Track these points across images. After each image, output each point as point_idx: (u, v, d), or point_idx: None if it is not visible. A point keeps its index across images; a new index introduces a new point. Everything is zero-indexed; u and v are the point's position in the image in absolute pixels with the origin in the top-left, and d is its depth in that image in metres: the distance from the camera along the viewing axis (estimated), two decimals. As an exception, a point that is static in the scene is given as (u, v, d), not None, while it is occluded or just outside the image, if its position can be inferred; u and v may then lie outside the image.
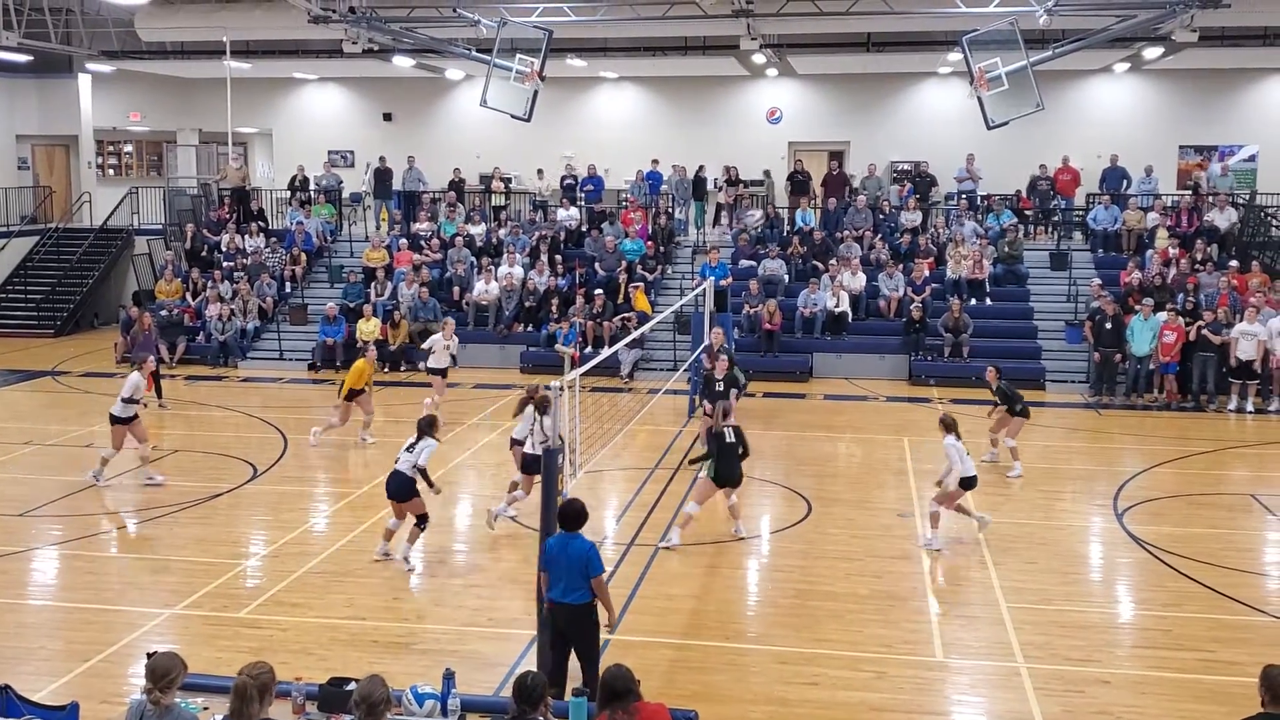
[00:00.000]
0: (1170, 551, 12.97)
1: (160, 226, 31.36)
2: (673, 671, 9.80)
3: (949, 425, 13.28)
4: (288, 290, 27.65)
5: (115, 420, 15.52)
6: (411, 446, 12.33)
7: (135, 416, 15.69)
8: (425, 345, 20.55)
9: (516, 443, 13.91)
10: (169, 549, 13.14)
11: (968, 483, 13.04)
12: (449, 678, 7.07)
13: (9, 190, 32.03)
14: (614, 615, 8.97)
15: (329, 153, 33.41)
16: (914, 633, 10.70)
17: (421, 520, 12.39)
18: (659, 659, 9.99)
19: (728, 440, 13.14)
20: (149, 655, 6.36)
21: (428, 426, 12.47)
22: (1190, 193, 27.40)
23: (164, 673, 6.00)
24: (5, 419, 20.14)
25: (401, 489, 12.32)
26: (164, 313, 25.83)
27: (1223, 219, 25.97)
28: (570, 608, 8.55)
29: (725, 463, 13.07)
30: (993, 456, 16.83)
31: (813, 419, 20.51)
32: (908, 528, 13.95)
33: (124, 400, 15.52)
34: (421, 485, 12.39)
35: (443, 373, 19.94)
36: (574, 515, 8.71)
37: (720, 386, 16.74)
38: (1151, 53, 25.84)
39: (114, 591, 11.87)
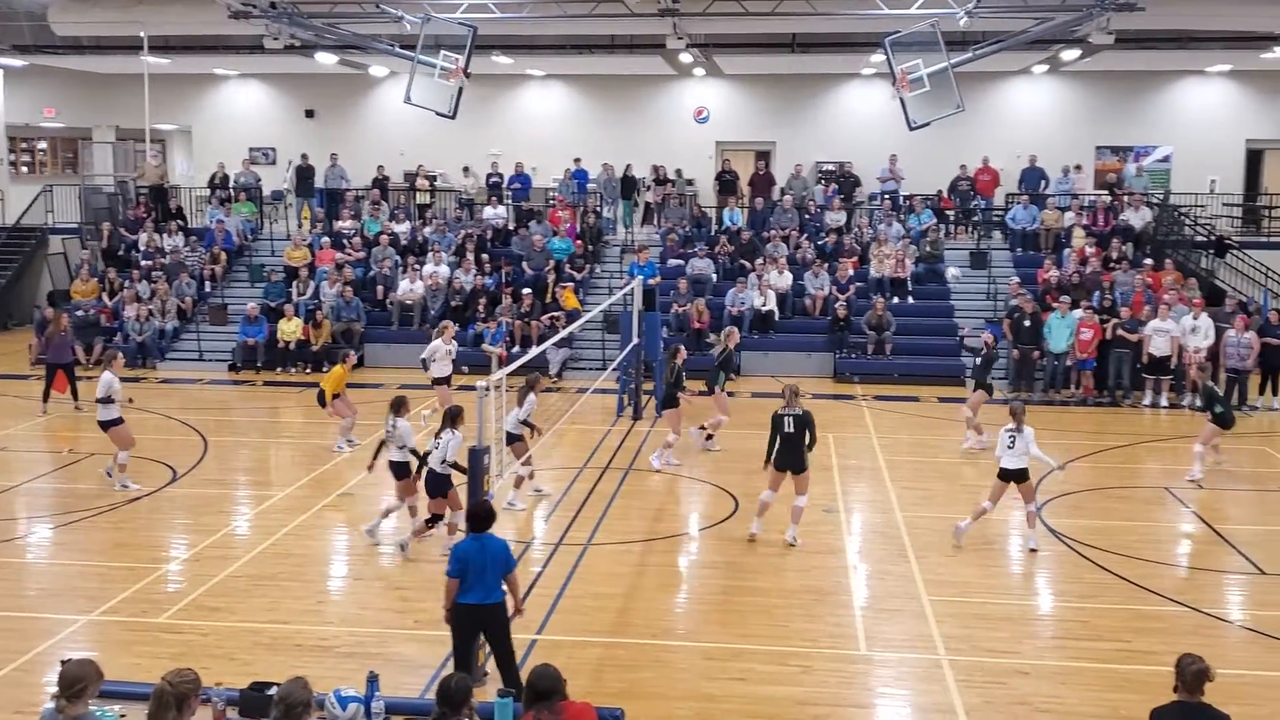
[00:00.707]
0: (1087, 544, 13.23)
1: (76, 225, 30.70)
2: (600, 670, 9.80)
3: (1015, 413, 13.09)
4: (207, 290, 27.21)
5: (106, 425, 15.19)
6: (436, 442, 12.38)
7: (121, 418, 15.35)
8: (425, 354, 18.55)
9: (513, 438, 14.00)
10: (86, 554, 12.88)
11: (1006, 475, 13.06)
12: (373, 681, 7.01)
13: (-82, 188, 31.19)
14: (520, 604, 8.96)
15: (250, 150, 32.93)
16: (839, 627, 10.80)
17: (432, 520, 12.58)
18: (586, 658, 9.98)
19: (787, 430, 12.82)
20: (63, 663, 6.22)
21: (453, 418, 12.33)
22: (1108, 192, 27.95)
23: (73, 681, 5.86)
24: (-86, 422, 19.60)
25: (436, 486, 12.39)
26: (80, 313, 25.30)
27: (1137, 218, 26.53)
28: (491, 608, 8.53)
29: (785, 449, 12.81)
30: (982, 444, 17.31)
31: (740, 417, 20.53)
32: (833, 523, 14.08)
33: (100, 402, 15.17)
34: (456, 477, 12.21)
35: (446, 380, 18.59)
36: (485, 516, 8.68)
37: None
38: (1069, 55, 26.33)
39: (29, 598, 11.60)
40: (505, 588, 8.65)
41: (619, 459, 17.14)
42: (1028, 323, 22.41)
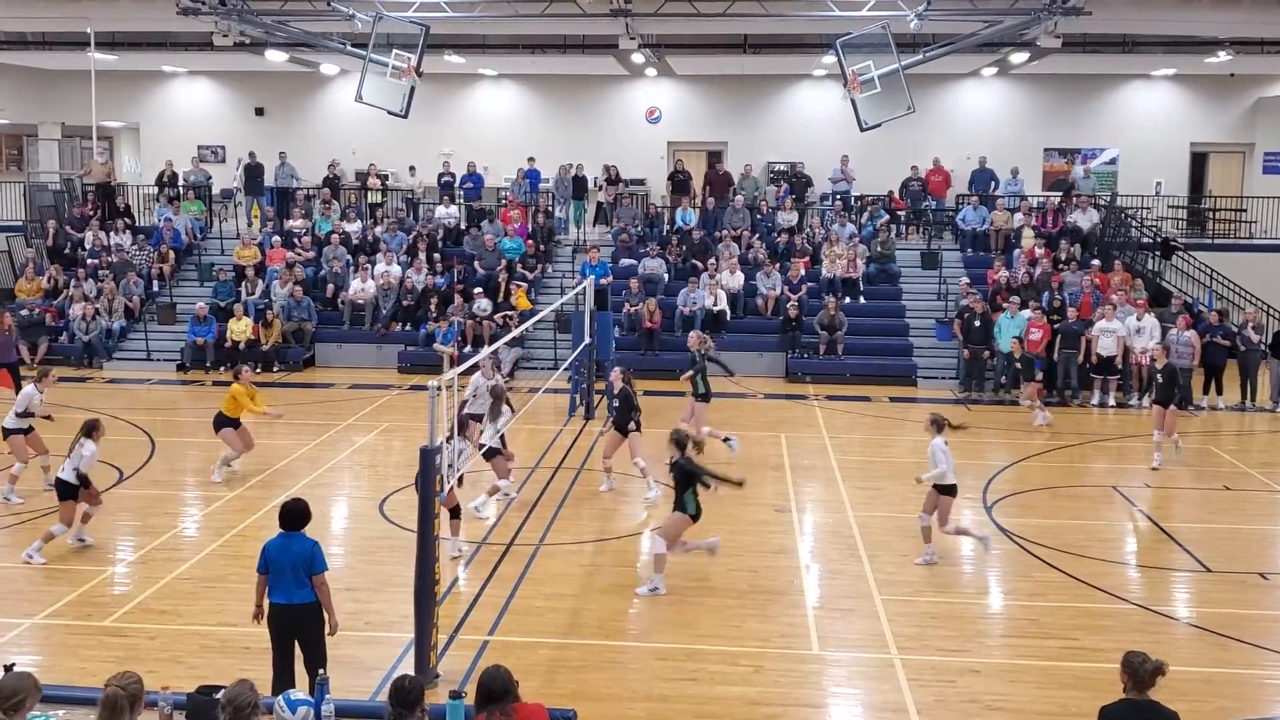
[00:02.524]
0: (1037, 542, 13.37)
1: (20, 223, 30.20)
2: (552, 671, 9.76)
3: (939, 425, 12.53)
4: (155, 289, 26.87)
5: (8, 432, 14.84)
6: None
7: (31, 429, 14.97)
8: (468, 394, 15.34)
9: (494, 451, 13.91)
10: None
11: (951, 489, 12.49)
12: (322, 684, 6.94)
13: None
14: (334, 617, 8.64)
15: (199, 148, 32.55)
16: (791, 627, 10.84)
17: (455, 512, 12.58)
18: (538, 659, 9.95)
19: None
20: (6, 668, 6.11)
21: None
22: (1062, 194, 28.27)
23: (11, 694, 5.76)
24: None
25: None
26: (25, 312, 24.90)
27: (1085, 220, 26.85)
28: (295, 609, 8.46)
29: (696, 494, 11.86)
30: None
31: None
32: (784, 523, 14.13)
33: (16, 414, 14.84)
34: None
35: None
36: (296, 514, 8.63)
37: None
38: (1018, 58, 26.61)
39: (-30, 602, 11.40)
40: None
41: (571, 458, 17.11)
42: (978, 323, 22.62)
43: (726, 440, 16.86)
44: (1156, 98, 31.28)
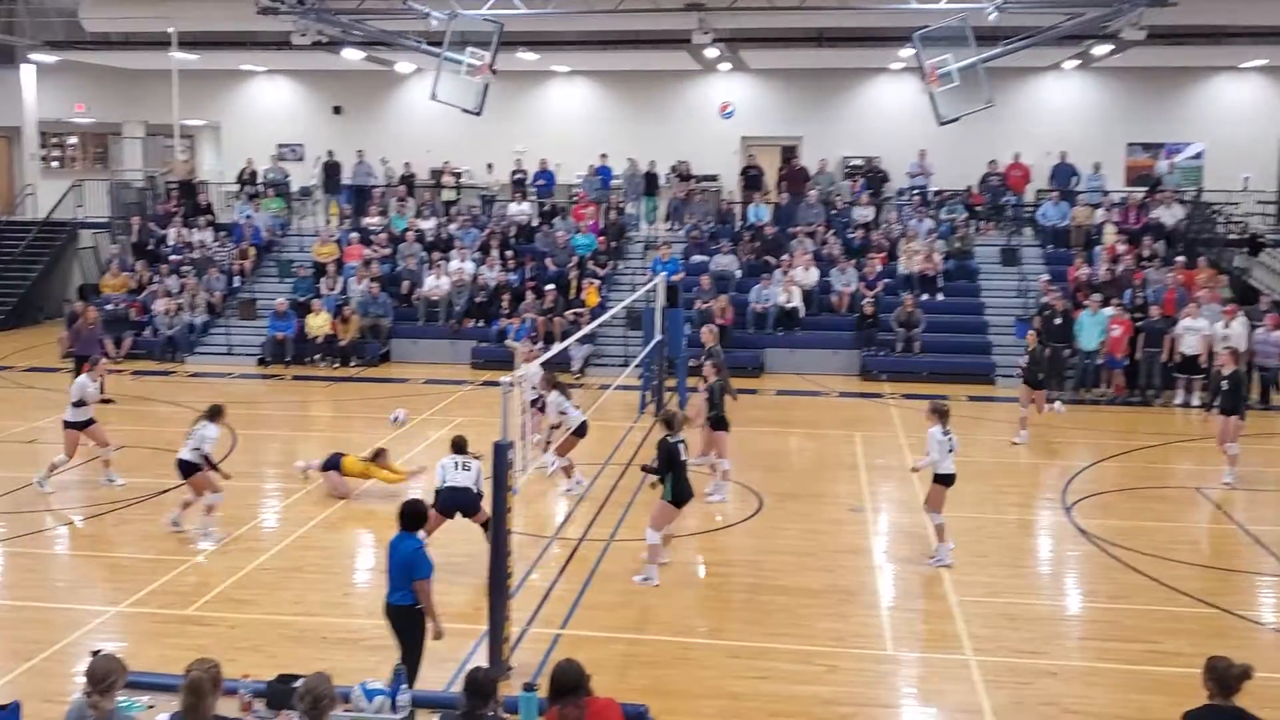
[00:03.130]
0: (1117, 544, 13.11)
1: (106, 220, 30.92)
2: (624, 666, 9.77)
3: (940, 413, 12.40)
4: (236, 285, 27.34)
5: (68, 425, 15.10)
6: (464, 461, 12.03)
7: (91, 420, 15.25)
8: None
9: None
10: (115, 546, 12.97)
11: (947, 480, 12.39)
12: (399, 674, 7.01)
13: (-50, 182, 31.48)
14: (437, 623, 8.58)
15: (278, 146, 33.03)
16: (865, 626, 10.74)
17: (487, 525, 12.16)
18: (610, 654, 9.96)
19: (682, 457, 11.88)
20: (93, 653, 6.25)
21: (464, 444, 12.24)
22: (1146, 189, 27.72)
23: (103, 676, 5.90)
24: (-54, 415, 19.78)
25: (470, 503, 11.98)
26: (110, 307, 25.47)
27: (1170, 215, 26.31)
28: (392, 608, 8.54)
29: (680, 480, 11.84)
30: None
31: (765, 414, 20.54)
32: (859, 522, 14.01)
33: (74, 405, 15.15)
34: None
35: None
36: (408, 515, 8.67)
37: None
38: (1100, 50, 26.09)
39: (58, 589, 11.69)
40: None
41: (641, 455, 17.10)
42: (1058, 320, 22.24)
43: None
44: (1244, 90, 30.50)
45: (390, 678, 7.08)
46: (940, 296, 25.37)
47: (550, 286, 24.97)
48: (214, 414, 13.11)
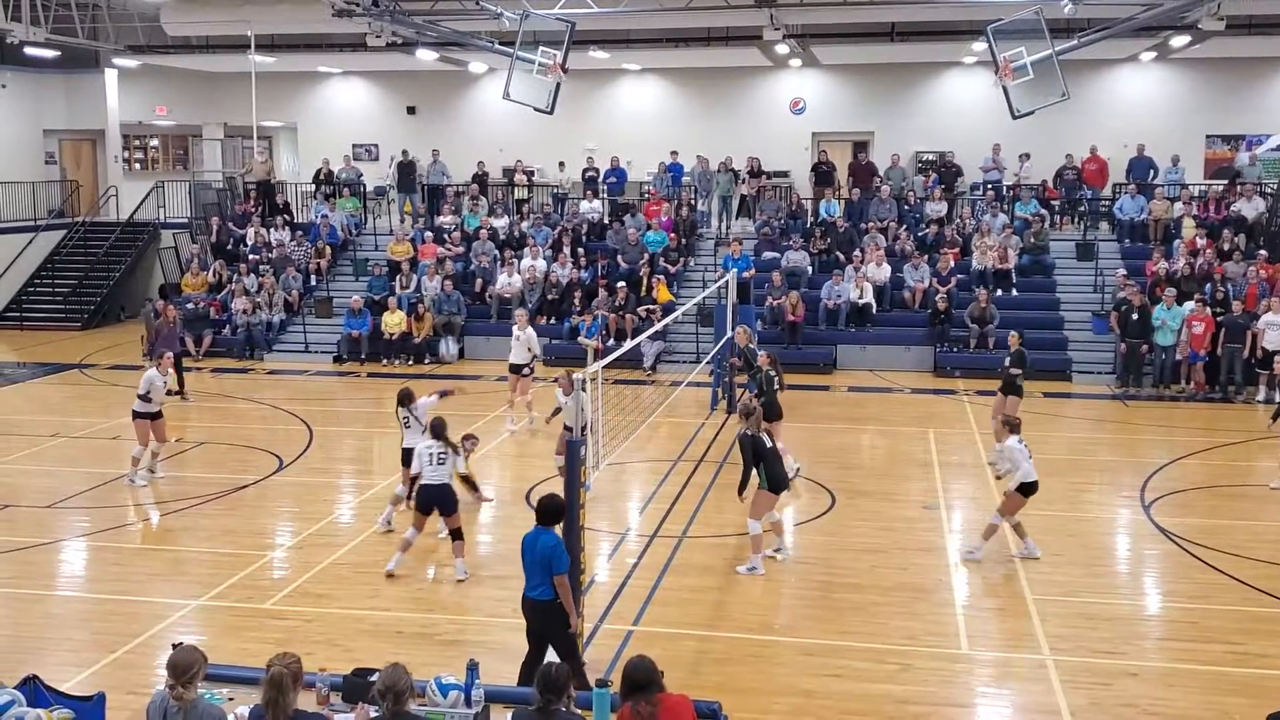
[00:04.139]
0: (1197, 543, 12.88)
1: (186, 220, 31.53)
2: (697, 663, 9.78)
3: (1012, 426, 12.54)
4: (313, 283, 27.75)
5: (136, 415, 15.40)
6: (437, 455, 11.87)
7: (159, 413, 15.54)
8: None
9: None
10: (195, 540, 13.23)
11: (1028, 489, 12.26)
12: (473, 668, 7.07)
13: (37, 185, 32.25)
14: (573, 616, 8.64)
15: (353, 146, 33.47)
16: (939, 625, 10.65)
17: (457, 534, 12.00)
18: (683, 650, 9.98)
19: (768, 444, 12.20)
20: (174, 646, 6.39)
21: (443, 429, 12.11)
22: (1226, 182, 27.15)
23: (185, 668, 6.01)
24: (33, 412, 20.31)
25: (446, 500, 11.88)
26: (190, 305, 25.97)
27: (1250, 208, 25.75)
28: (535, 603, 8.57)
29: (774, 465, 12.12)
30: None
31: (836, 411, 20.44)
32: (933, 520, 13.89)
33: (140, 397, 15.45)
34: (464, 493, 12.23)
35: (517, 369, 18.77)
36: (551, 510, 8.67)
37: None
38: (1178, 41, 25.58)
39: (140, 583, 11.94)
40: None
41: (713, 452, 17.10)
42: (1135, 316, 21.86)
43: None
44: (1328, 80, 29.79)
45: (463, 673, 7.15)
46: (1015, 292, 25.05)
47: (621, 284, 25.04)
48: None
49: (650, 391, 20.33)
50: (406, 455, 12.98)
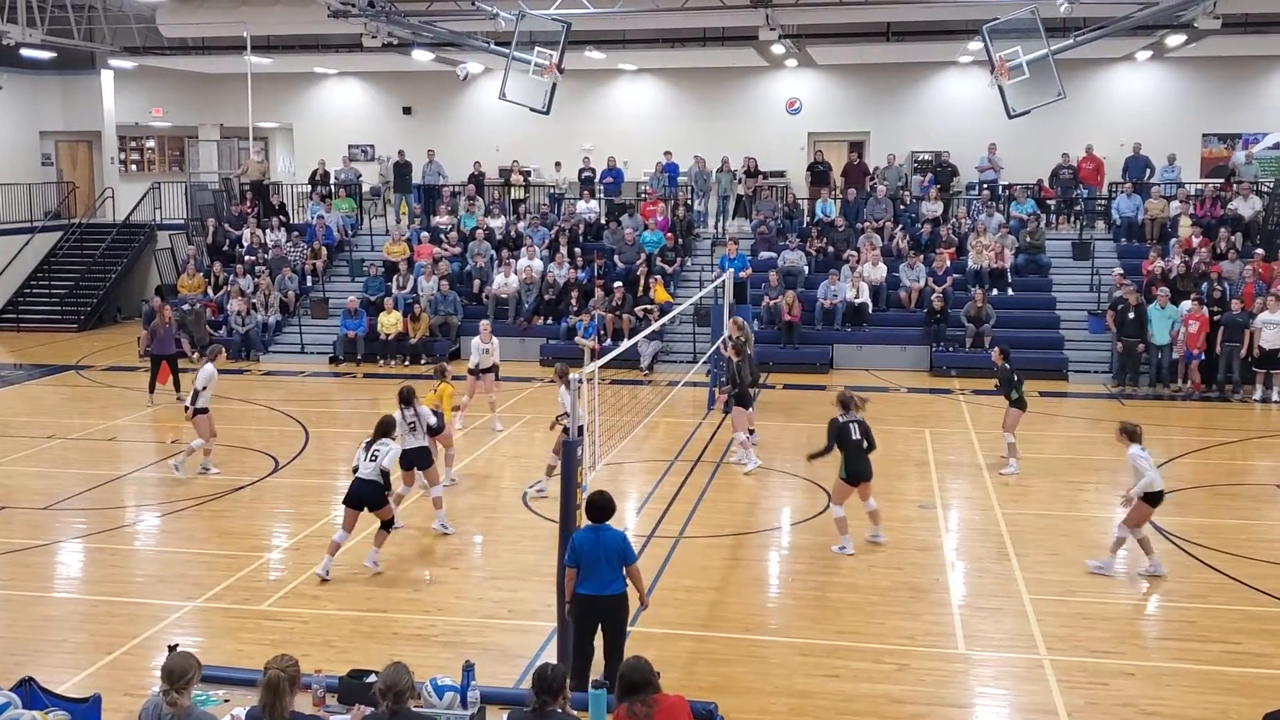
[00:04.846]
0: (1194, 542, 12.88)
1: (182, 221, 31.49)
2: (693, 663, 9.78)
3: (1132, 434, 11.88)
4: (309, 284, 27.72)
5: (197, 412, 15.52)
6: (372, 451, 11.79)
7: (207, 409, 15.61)
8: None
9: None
10: (192, 542, 13.21)
11: (1155, 498, 11.77)
12: (469, 670, 7.07)
13: (33, 186, 32.19)
14: (645, 597, 8.95)
15: (349, 147, 33.47)
16: (936, 625, 10.65)
17: (388, 525, 12.08)
18: (679, 651, 9.97)
19: (854, 436, 12.59)
20: (170, 648, 6.37)
21: (389, 427, 12.05)
22: (1222, 180, 27.15)
23: (180, 674, 5.99)
24: (29, 413, 20.28)
25: (374, 497, 11.83)
26: (186, 307, 25.93)
27: (1247, 207, 25.77)
28: (610, 599, 8.55)
29: (855, 459, 12.57)
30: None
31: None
32: (929, 520, 13.89)
33: (197, 391, 15.50)
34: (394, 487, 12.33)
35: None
36: (603, 507, 8.68)
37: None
38: (1174, 40, 25.60)
39: (137, 584, 11.93)
40: (628, 580, 8.63)
41: (710, 452, 17.10)
42: (1132, 315, 21.87)
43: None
44: (1324, 78, 29.83)
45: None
46: (1011, 292, 25.06)
47: (618, 284, 25.03)
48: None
49: (647, 391, 20.34)
50: (406, 457, 12.97)
